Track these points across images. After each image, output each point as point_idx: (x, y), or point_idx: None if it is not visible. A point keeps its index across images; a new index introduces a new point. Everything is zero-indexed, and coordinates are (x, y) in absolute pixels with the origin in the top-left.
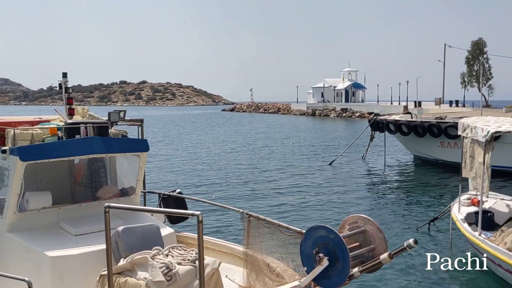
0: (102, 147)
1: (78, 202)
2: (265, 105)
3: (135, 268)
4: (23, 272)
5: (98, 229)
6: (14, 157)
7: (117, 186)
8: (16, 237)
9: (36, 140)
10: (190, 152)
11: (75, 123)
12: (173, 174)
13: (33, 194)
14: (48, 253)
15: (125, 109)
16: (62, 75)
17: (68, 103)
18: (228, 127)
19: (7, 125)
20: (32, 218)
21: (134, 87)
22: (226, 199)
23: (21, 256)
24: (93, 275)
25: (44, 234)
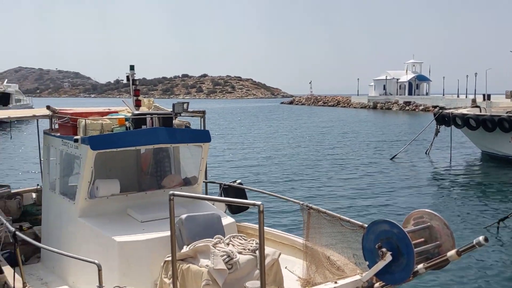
0: (167, 137)
1: (144, 190)
2: (324, 98)
3: (198, 256)
4: (92, 255)
5: (162, 216)
6: (85, 146)
7: (180, 176)
8: (86, 222)
9: (105, 130)
10: (249, 144)
11: (141, 114)
12: (233, 165)
13: (102, 181)
14: (116, 238)
15: (188, 101)
16: (130, 67)
17: (135, 94)
18: (286, 120)
19: (79, 116)
20: (101, 205)
21: (195, 80)
22: (285, 191)
23: (91, 240)
24: (157, 261)
25: (112, 220)
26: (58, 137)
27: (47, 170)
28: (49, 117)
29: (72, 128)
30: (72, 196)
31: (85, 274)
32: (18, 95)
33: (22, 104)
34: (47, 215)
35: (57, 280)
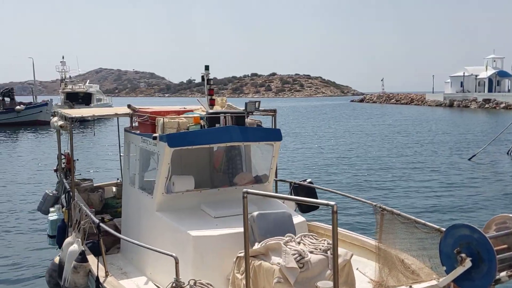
0: (239, 136)
1: (217, 187)
2: (397, 96)
3: (269, 253)
4: (168, 248)
5: (235, 213)
6: (163, 143)
7: (251, 174)
8: (163, 216)
9: (181, 128)
10: (319, 143)
11: (215, 112)
12: (302, 164)
13: (178, 177)
14: (191, 232)
15: (260, 100)
16: (205, 68)
17: (209, 94)
18: (357, 119)
19: (157, 114)
20: (177, 200)
21: (264, 79)
22: (357, 191)
23: (167, 233)
24: (229, 256)
25: (187, 215)
26: (137, 134)
27: (127, 166)
28: (130, 116)
29: (150, 126)
30: (150, 190)
31: (161, 266)
32: (99, 95)
33: (103, 103)
34: (126, 208)
35: (135, 270)
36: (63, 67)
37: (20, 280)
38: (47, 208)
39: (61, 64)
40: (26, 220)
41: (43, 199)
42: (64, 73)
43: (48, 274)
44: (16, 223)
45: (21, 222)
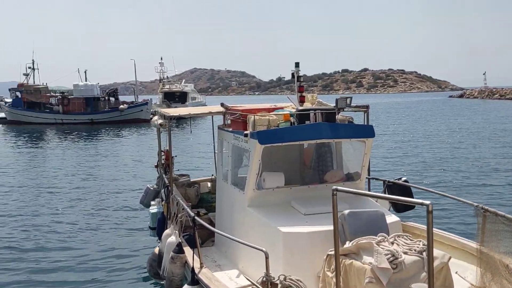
0: (329, 133)
1: (307, 184)
2: (501, 91)
3: (360, 252)
4: (259, 243)
5: (325, 210)
6: (254, 141)
7: (342, 171)
8: (254, 212)
9: (272, 126)
10: (414, 141)
11: (305, 109)
12: (397, 162)
13: (268, 174)
14: (281, 228)
15: (351, 96)
16: (295, 65)
17: (299, 91)
18: (456, 115)
19: (248, 112)
20: (267, 196)
21: (355, 75)
22: (456, 191)
23: (258, 228)
24: (319, 254)
25: (277, 211)
26: (230, 131)
27: (220, 162)
28: (223, 114)
29: (242, 123)
30: (242, 186)
31: (253, 260)
32: (193, 93)
33: (197, 102)
34: (220, 203)
35: (228, 264)
36: (162, 68)
37: (124, 268)
38: (149, 201)
39: (159, 65)
40: (129, 212)
41: (145, 193)
42: (162, 73)
43: (149, 264)
44: (120, 215)
45: (125, 214)
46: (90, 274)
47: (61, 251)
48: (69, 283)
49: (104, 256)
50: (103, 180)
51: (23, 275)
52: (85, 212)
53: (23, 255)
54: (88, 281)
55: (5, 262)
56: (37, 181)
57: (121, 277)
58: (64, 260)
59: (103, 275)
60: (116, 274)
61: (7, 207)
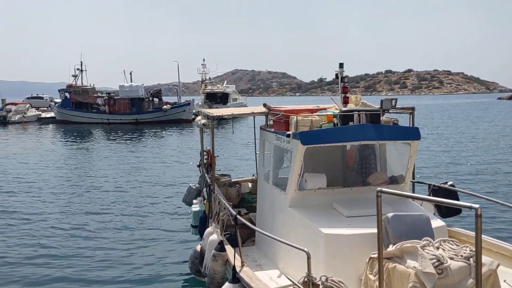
0: (373, 134)
1: (349, 186)
2: None
3: (404, 256)
4: (300, 244)
5: (368, 213)
6: (296, 141)
7: (386, 173)
8: (295, 212)
9: (314, 126)
10: (461, 144)
11: (349, 110)
12: (442, 166)
13: (310, 175)
14: (323, 230)
15: (396, 97)
16: (339, 65)
17: (343, 91)
18: (505, 118)
19: (291, 113)
20: (309, 197)
21: (399, 76)
22: (505, 197)
23: (299, 229)
24: (361, 256)
25: (319, 212)
26: (272, 132)
27: (262, 162)
28: (265, 114)
29: (284, 124)
30: (283, 187)
31: (294, 260)
32: (234, 94)
33: (238, 103)
34: (261, 203)
35: (269, 263)
36: (204, 69)
37: (166, 265)
38: (191, 200)
39: (202, 67)
40: (172, 210)
41: (188, 191)
42: (204, 74)
43: (191, 261)
44: (163, 212)
45: (168, 211)
46: (133, 270)
47: (105, 248)
48: (112, 278)
49: (147, 253)
50: (146, 178)
51: (66, 271)
52: (129, 209)
53: (68, 251)
54: (131, 276)
55: (52, 258)
56: (83, 178)
57: (164, 273)
58: (108, 256)
59: (146, 271)
60: (159, 270)
61: (55, 203)
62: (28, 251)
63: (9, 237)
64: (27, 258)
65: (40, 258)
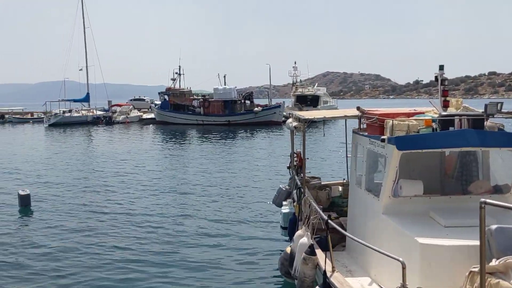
0: (476, 140)
1: (448, 194)
2: None
3: (509, 272)
4: (393, 252)
5: (468, 223)
6: (391, 146)
7: (489, 182)
8: (389, 220)
9: (411, 131)
10: None
11: (449, 115)
12: None
13: (406, 181)
14: (419, 239)
15: (502, 101)
16: (439, 67)
17: (443, 95)
18: None
19: (386, 116)
20: (404, 204)
21: (504, 78)
22: None
23: (393, 237)
24: (460, 269)
25: (415, 220)
26: (365, 136)
27: (354, 167)
28: (358, 117)
29: (379, 128)
30: (376, 192)
31: (386, 269)
32: (325, 97)
33: (329, 105)
34: (352, 208)
35: (359, 270)
36: (295, 72)
37: (255, 264)
38: (281, 201)
39: (293, 69)
40: (261, 211)
41: (278, 193)
42: (295, 77)
43: (280, 262)
44: (253, 212)
45: (257, 212)
46: (222, 270)
47: (194, 246)
48: (202, 275)
49: (236, 252)
50: (236, 178)
51: (162, 266)
52: (219, 208)
53: (158, 247)
54: (219, 275)
55: (145, 254)
56: (177, 175)
57: (253, 273)
58: (197, 254)
59: (236, 269)
60: (248, 270)
61: (151, 200)
62: (123, 249)
63: (109, 232)
64: (123, 255)
65: (139, 255)
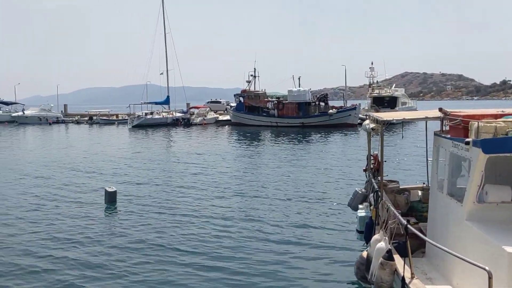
0: None
1: None
2: None
3: None
4: (477, 260)
5: None
6: (476, 149)
7: None
8: (473, 226)
9: (499, 134)
10: None
11: None
12: None
13: (492, 187)
14: (507, 248)
15: None
16: None
17: None
18: None
19: (471, 118)
20: (489, 211)
21: None
22: None
23: (477, 245)
24: None
25: (501, 228)
26: (448, 138)
27: (435, 170)
28: (440, 119)
29: (463, 130)
30: (459, 198)
31: (470, 278)
32: (403, 98)
33: (407, 106)
34: (433, 213)
35: (440, 278)
36: (372, 73)
37: (330, 268)
38: (357, 204)
39: (369, 70)
40: (336, 214)
41: (353, 196)
42: (372, 78)
43: (356, 266)
44: (327, 215)
45: (331, 214)
46: (296, 272)
47: (268, 251)
48: (274, 277)
49: (310, 255)
50: (310, 180)
51: (232, 263)
52: (292, 209)
53: (232, 245)
54: (294, 278)
55: (219, 258)
56: (250, 177)
57: (327, 277)
58: (270, 258)
59: (310, 271)
60: (322, 274)
61: (227, 201)
62: (196, 250)
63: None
64: (197, 256)
65: (212, 259)
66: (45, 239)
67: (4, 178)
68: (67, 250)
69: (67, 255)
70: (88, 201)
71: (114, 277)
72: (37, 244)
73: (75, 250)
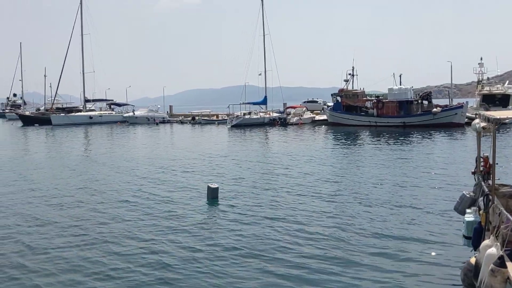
0: None
1: None
2: None
3: None
4: None
5: None
6: None
7: None
8: None
9: None
10: None
11: None
12: None
13: None
14: None
15: None
16: None
17: None
18: None
19: None
20: None
21: None
22: None
23: None
24: None
25: None
26: None
27: None
28: None
29: None
30: None
31: None
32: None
33: None
34: None
35: None
36: (481, 69)
37: (435, 273)
38: (464, 208)
39: (478, 66)
40: (442, 218)
41: (461, 199)
42: (481, 75)
43: (463, 273)
44: (432, 219)
45: (436, 218)
46: (400, 276)
47: (366, 253)
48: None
49: (414, 259)
50: (413, 183)
51: (277, 264)
52: (396, 212)
53: (292, 242)
54: (398, 282)
55: (260, 255)
56: (346, 178)
57: (433, 284)
58: (368, 262)
59: (415, 276)
60: (427, 280)
61: (320, 203)
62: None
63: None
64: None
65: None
66: (155, 232)
67: (118, 173)
68: (176, 243)
69: (179, 247)
70: (192, 196)
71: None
72: (149, 233)
73: (184, 241)
